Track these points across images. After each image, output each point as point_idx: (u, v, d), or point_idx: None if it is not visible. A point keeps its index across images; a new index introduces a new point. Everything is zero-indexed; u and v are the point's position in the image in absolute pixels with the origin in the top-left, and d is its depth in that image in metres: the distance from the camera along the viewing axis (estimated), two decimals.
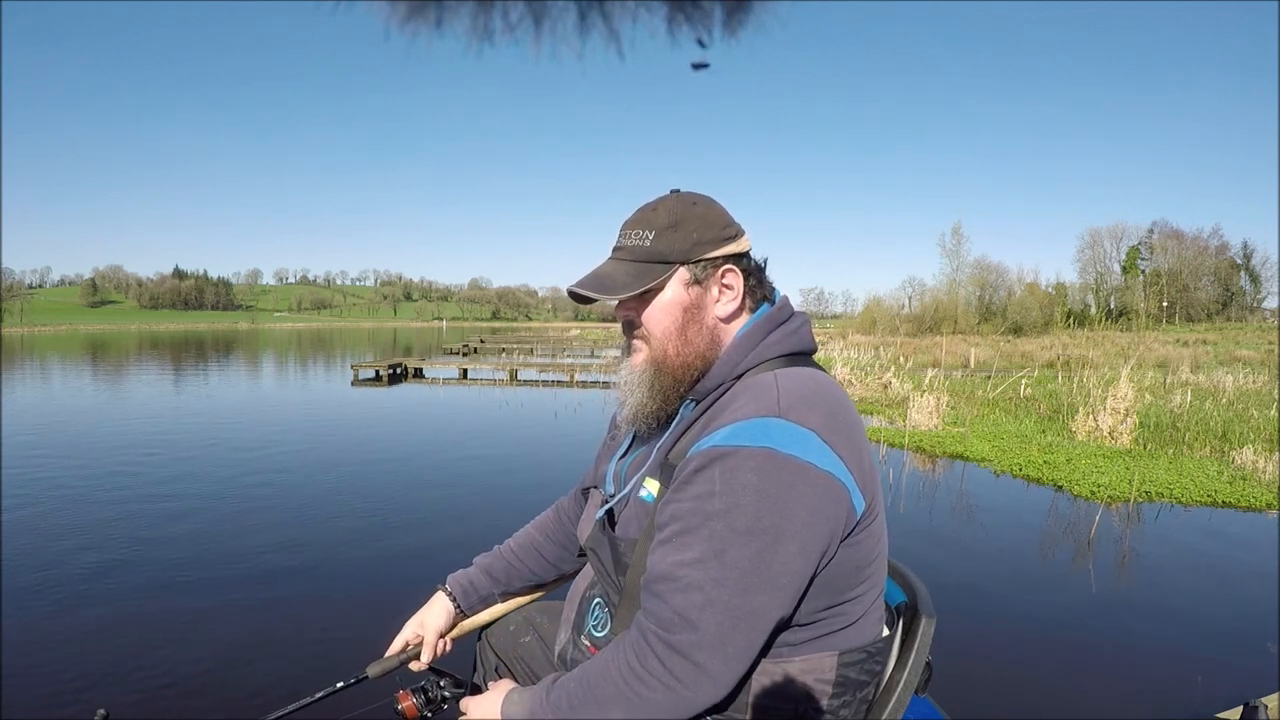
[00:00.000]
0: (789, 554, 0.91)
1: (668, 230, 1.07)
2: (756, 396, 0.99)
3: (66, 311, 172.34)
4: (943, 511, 5.56)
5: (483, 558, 1.43)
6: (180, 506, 5.41)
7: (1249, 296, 70.34)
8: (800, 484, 0.92)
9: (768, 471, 0.92)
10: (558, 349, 30.74)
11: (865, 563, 1.01)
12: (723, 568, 0.90)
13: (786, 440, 0.94)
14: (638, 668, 0.92)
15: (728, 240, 1.09)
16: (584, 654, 1.15)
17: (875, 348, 21.71)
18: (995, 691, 2.83)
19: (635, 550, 1.05)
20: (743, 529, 0.91)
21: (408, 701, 1.25)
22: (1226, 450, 7.51)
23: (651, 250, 1.07)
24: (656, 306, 1.08)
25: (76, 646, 3.08)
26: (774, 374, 1.03)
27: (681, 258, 1.07)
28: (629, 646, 0.94)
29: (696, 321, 1.07)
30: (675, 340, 1.07)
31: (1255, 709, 2.04)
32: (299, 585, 3.84)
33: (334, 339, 55.70)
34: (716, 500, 0.92)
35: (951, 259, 55.04)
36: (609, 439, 1.33)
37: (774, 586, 0.91)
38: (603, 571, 1.14)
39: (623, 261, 1.09)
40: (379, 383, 16.30)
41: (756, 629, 0.91)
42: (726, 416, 0.99)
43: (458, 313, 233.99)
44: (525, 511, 1.50)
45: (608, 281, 1.08)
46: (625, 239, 1.10)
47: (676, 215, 1.08)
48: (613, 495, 1.17)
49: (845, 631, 1.02)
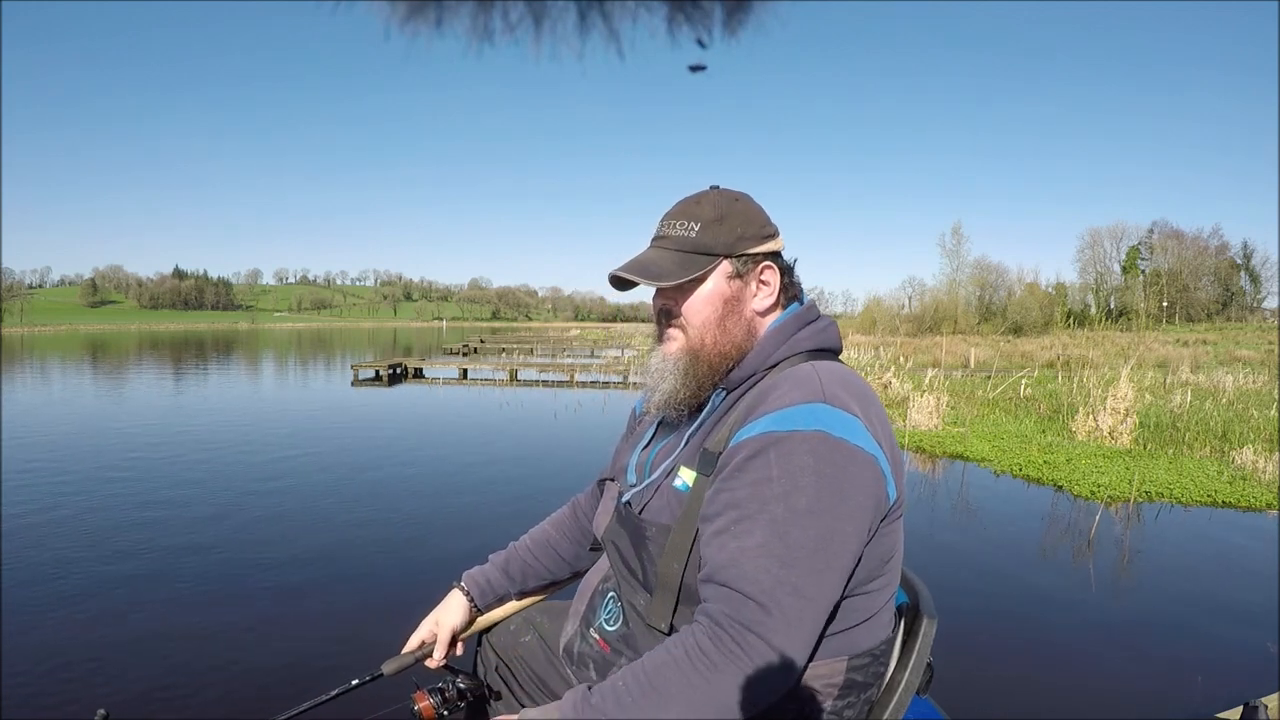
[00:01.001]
0: (847, 534, 0.93)
1: (713, 223, 1.10)
2: (800, 383, 1.01)
3: (66, 311, 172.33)
4: (942, 511, 5.56)
5: (498, 555, 1.43)
6: (181, 507, 5.40)
7: (1249, 296, 70.34)
8: (852, 467, 0.95)
9: (823, 454, 0.94)
10: (558, 349, 30.74)
11: (887, 556, 1.03)
12: (788, 549, 0.91)
13: (837, 424, 0.96)
14: (710, 650, 0.90)
15: (768, 238, 1.12)
16: (592, 647, 1.14)
17: (875, 348, 21.71)
18: (995, 691, 2.83)
19: (669, 538, 1.04)
20: (803, 510, 0.92)
21: (425, 702, 1.24)
22: (1226, 450, 7.51)
23: (697, 241, 1.09)
24: (698, 297, 1.10)
25: (77, 646, 3.08)
26: (812, 364, 1.06)
27: (726, 251, 1.09)
28: (696, 634, 0.93)
29: (735, 314, 1.10)
30: (714, 330, 1.10)
31: (1255, 709, 2.04)
32: (305, 585, 3.84)
33: (334, 339, 55.70)
34: (775, 485, 0.94)
35: (951, 259, 55.11)
36: (628, 432, 1.34)
37: (836, 566, 0.93)
38: (619, 563, 1.13)
39: (667, 250, 1.11)
40: (379, 383, 16.30)
41: (822, 609, 0.92)
42: (770, 404, 1.00)
43: (458, 313, 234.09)
44: (528, 509, 1.50)
45: (652, 268, 1.10)
46: (669, 229, 1.12)
47: (722, 209, 1.11)
48: (634, 485, 1.17)
49: (856, 631, 1.02)
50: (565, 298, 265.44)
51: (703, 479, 1.03)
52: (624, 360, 21.28)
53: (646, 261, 1.11)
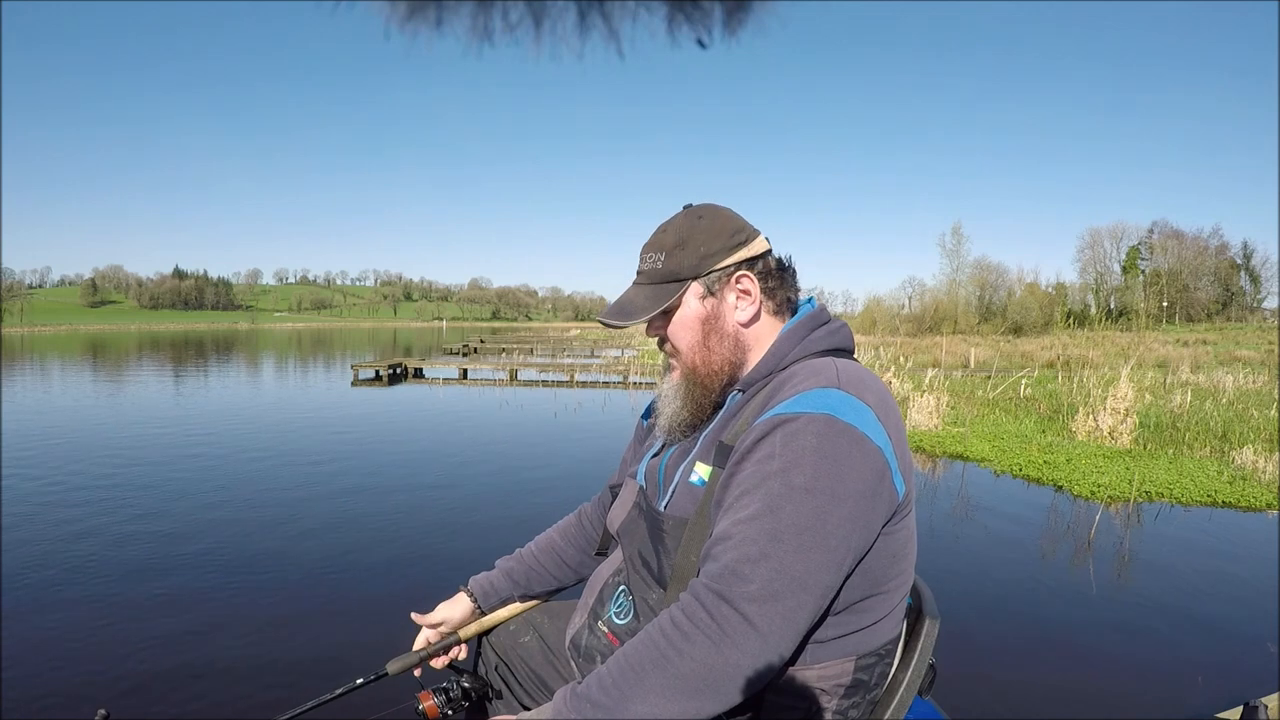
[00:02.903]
0: (842, 516, 0.92)
1: (676, 249, 1.12)
2: (815, 372, 1.03)
3: (66, 311, 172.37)
4: (943, 511, 5.56)
5: (504, 560, 1.45)
6: (181, 507, 5.40)
7: (1249, 296, 70.36)
8: (857, 452, 0.95)
9: (827, 436, 0.94)
10: (558, 349, 30.73)
11: (900, 554, 1.03)
12: (778, 523, 0.91)
13: (846, 410, 0.97)
14: (682, 621, 0.90)
15: (737, 247, 1.12)
16: (600, 640, 1.14)
17: (875, 348, 21.70)
18: (995, 692, 2.83)
19: (686, 531, 1.05)
20: (800, 487, 0.92)
21: (429, 701, 1.25)
22: (1226, 450, 7.51)
23: (665, 271, 1.13)
24: (678, 323, 1.14)
25: (77, 646, 3.08)
26: (829, 358, 1.07)
27: (692, 273, 1.12)
28: (673, 608, 0.92)
29: (717, 331, 1.12)
30: (700, 351, 1.12)
31: (1255, 709, 2.04)
32: (307, 586, 3.84)
33: (334, 339, 55.70)
34: (776, 461, 0.94)
35: (951, 259, 55.18)
36: (636, 441, 1.36)
37: (827, 547, 0.91)
38: (635, 556, 1.14)
39: (642, 286, 1.16)
40: (379, 383, 16.30)
41: (807, 589, 0.90)
42: (785, 393, 1.01)
43: (458, 313, 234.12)
44: (528, 508, 1.50)
45: (629, 308, 1.15)
46: (643, 264, 1.16)
47: (683, 233, 1.13)
48: (644, 487, 1.18)
49: (866, 633, 1.02)
50: (565, 298, 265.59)
51: (718, 471, 1.04)
52: (624, 360, 21.28)
53: (624, 302, 1.16)
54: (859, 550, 0.96)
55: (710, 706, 0.87)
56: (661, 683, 0.87)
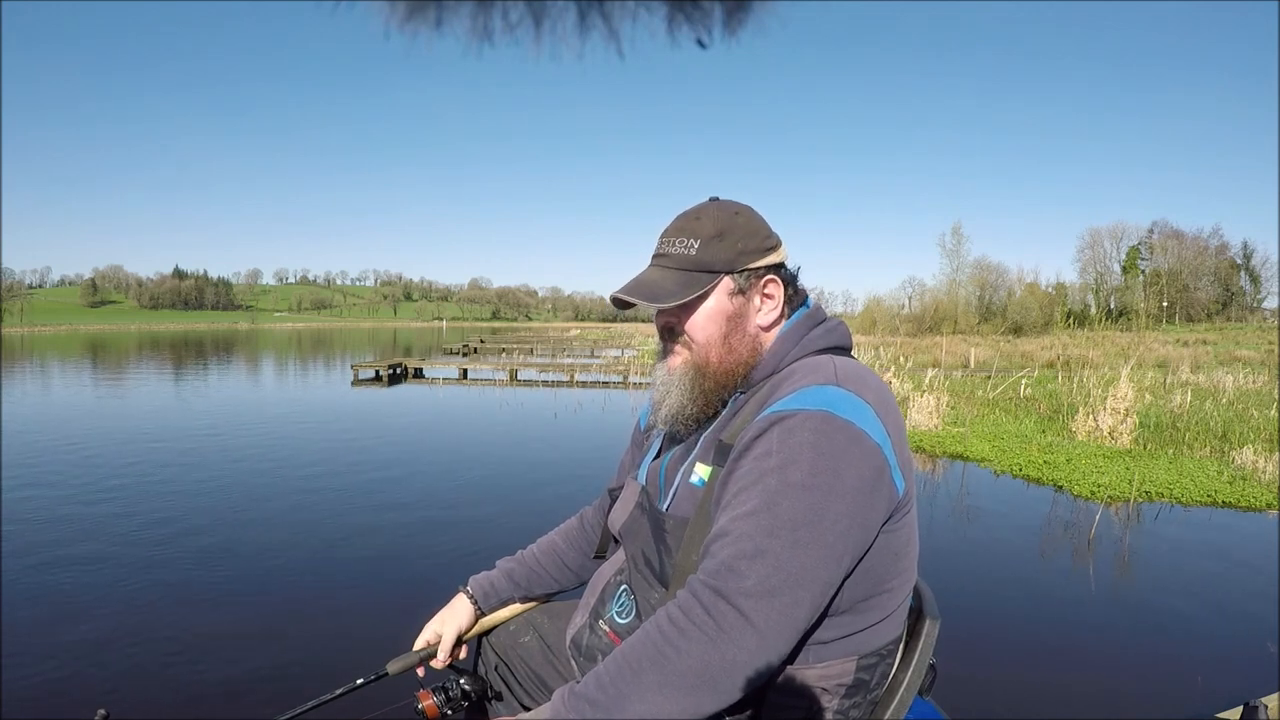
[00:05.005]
0: (839, 512, 0.92)
1: (713, 240, 1.09)
2: (814, 370, 1.03)
3: (66, 311, 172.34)
4: (943, 511, 5.56)
5: (505, 561, 1.45)
6: (181, 507, 5.40)
7: (1249, 296, 70.39)
8: (854, 449, 0.94)
9: (824, 432, 0.94)
10: (558, 349, 30.74)
11: (901, 553, 1.02)
12: (774, 519, 0.90)
13: (844, 406, 0.96)
14: (679, 618, 0.89)
15: (769, 250, 1.12)
16: (601, 639, 1.14)
17: (875, 348, 21.69)
18: (995, 692, 2.83)
19: (686, 530, 1.04)
20: (796, 483, 0.91)
21: (429, 701, 1.26)
22: (1226, 450, 7.51)
23: (697, 259, 1.09)
24: (701, 315, 1.10)
25: (77, 646, 3.08)
26: (827, 356, 1.07)
27: (726, 267, 1.09)
28: (674, 604, 0.92)
29: (739, 330, 1.10)
30: (718, 348, 1.10)
31: (1255, 709, 2.04)
32: (307, 586, 3.84)
33: (334, 339, 55.69)
34: (773, 458, 0.94)
35: (951, 259, 55.20)
36: (634, 446, 1.35)
37: (824, 543, 0.90)
38: (637, 556, 1.13)
39: (668, 270, 1.11)
40: (379, 383, 16.29)
41: (804, 585, 0.89)
42: (783, 391, 1.01)
43: (458, 313, 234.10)
44: (529, 508, 1.50)
45: (654, 289, 1.09)
46: (669, 246, 1.12)
47: (721, 225, 1.10)
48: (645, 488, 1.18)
49: (868, 633, 1.02)
50: (565, 298, 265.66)
51: (717, 470, 1.04)
52: (624, 360, 21.28)
53: (648, 282, 1.11)
54: (858, 547, 0.95)
55: (708, 704, 0.87)
56: (659, 680, 0.87)
